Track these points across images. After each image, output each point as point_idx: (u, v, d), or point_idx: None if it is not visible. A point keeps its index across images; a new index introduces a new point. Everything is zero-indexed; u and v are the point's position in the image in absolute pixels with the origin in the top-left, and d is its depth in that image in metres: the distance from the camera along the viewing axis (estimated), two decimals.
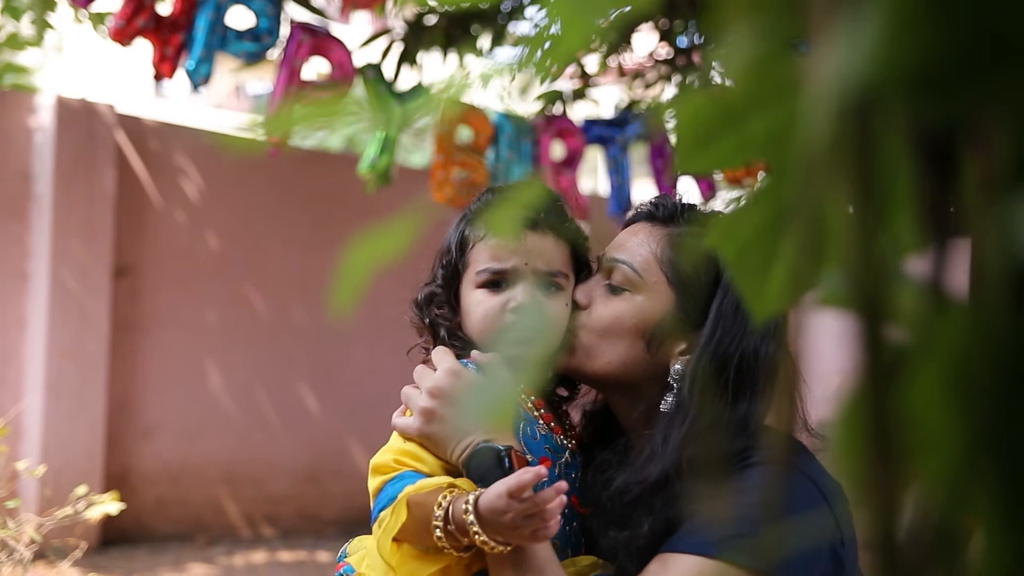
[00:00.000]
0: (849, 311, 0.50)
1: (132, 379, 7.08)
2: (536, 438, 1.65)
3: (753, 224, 0.56)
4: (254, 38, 4.72)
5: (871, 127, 0.45)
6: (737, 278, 0.58)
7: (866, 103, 0.44)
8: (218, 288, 7.50)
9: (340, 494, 8.07)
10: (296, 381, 7.89)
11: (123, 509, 4.68)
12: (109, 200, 6.90)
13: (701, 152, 0.55)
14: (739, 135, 0.54)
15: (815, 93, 0.46)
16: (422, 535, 1.49)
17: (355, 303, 0.61)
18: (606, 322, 1.64)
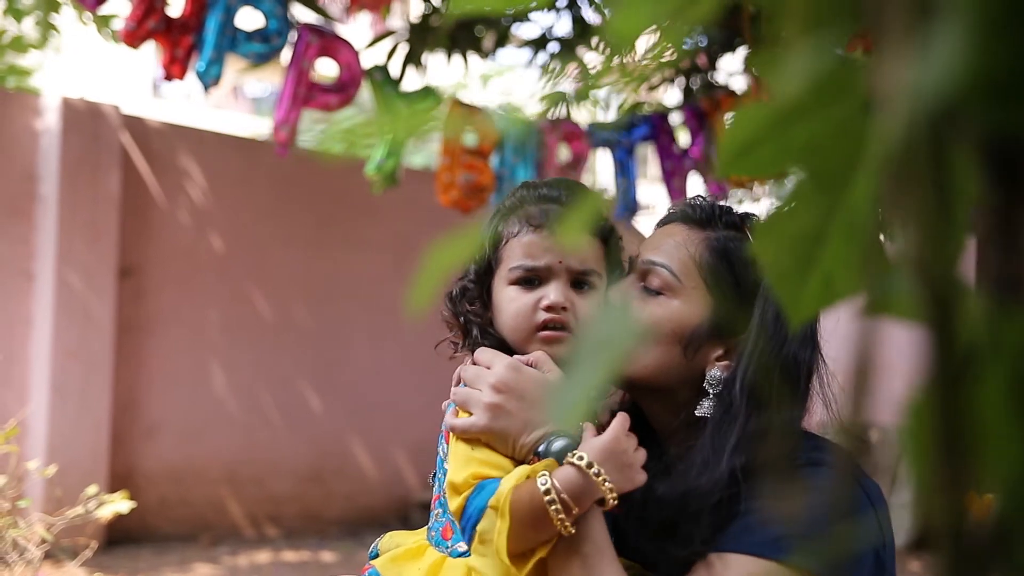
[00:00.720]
0: (913, 316, 0.52)
1: (136, 379, 7.10)
2: None
3: (792, 231, 0.57)
4: (263, 39, 4.74)
5: (945, 136, 0.46)
6: (774, 283, 0.59)
7: (942, 113, 0.45)
8: (222, 288, 7.51)
9: (343, 494, 8.08)
10: (299, 381, 7.91)
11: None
12: (114, 201, 6.92)
13: (743, 158, 0.56)
14: (781, 142, 0.55)
15: (887, 101, 0.47)
16: (529, 528, 1.46)
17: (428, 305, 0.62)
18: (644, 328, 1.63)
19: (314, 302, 7.99)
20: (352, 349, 8.18)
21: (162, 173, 7.29)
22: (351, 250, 8.19)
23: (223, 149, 7.73)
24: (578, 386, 0.49)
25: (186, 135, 7.52)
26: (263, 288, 7.73)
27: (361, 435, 8.21)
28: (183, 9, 4.61)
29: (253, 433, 7.63)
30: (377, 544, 1.79)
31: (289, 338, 7.85)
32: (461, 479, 1.53)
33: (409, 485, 8.43)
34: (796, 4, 0.52)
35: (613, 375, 0.50)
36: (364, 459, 8.24)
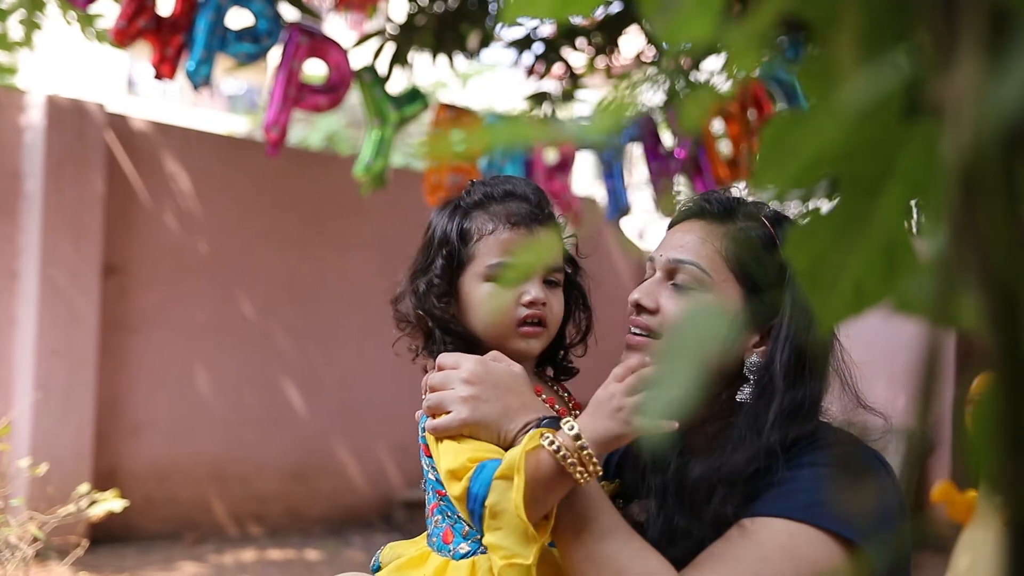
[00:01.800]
0: (983, 316, 0.54)
1: (121, 378, 7.08)
2: None
3: (824, 238, 0.59)
4: (253, 39, 4.74)
5: (1016, 149, 0.48)
6: (806, 287, 0.60)
7: (1015, 126, 0.48)
8: (206, 287, 7.50)
9: (327, 493, 8.08)
10: (283, 380, 7.90)
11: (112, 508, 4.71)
12: (98, 199, 6.90)
13: (779, 166, 0.58)
14: (816, 151, 0.57)
15: (958, 112, 0.49)
16: (545, 484, 1.47)
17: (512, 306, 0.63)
18: (671, 321, 1.66)
19: (299, 301, 7.99)
20: (336, 349, 8.18)
21: (147, 172, 7.27)
22: (336, 250, 8.19)
23: (208, 148, 7.72)
24: (671, 383, 0.51)
25: (171, 134, 7.50)
26: (248, 287, 7.72)
27: (345, 434, 8.21)
28: (173, 8, 4.61)
29: (237, 432, 7.63)
30: (378, 556, 1.82)
31: (274, 337, 7.85)
32: (459, 464, 1.55)
33: (393, 484, 8.44)
34: (850, 18, 0.54)
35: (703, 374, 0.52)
36: (348, 458, 8.24)
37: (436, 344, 1.71)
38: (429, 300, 1.70)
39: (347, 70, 5.02)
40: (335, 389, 8.16)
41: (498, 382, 1.57)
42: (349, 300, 8.24)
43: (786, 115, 0.57)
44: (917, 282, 0.56)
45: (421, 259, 1.74)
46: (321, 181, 8.12)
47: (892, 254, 0.57)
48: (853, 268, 0.58)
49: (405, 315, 1.75)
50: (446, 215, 1.73)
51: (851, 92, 0.55)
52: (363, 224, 8.29)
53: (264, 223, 7.82)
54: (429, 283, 1.70)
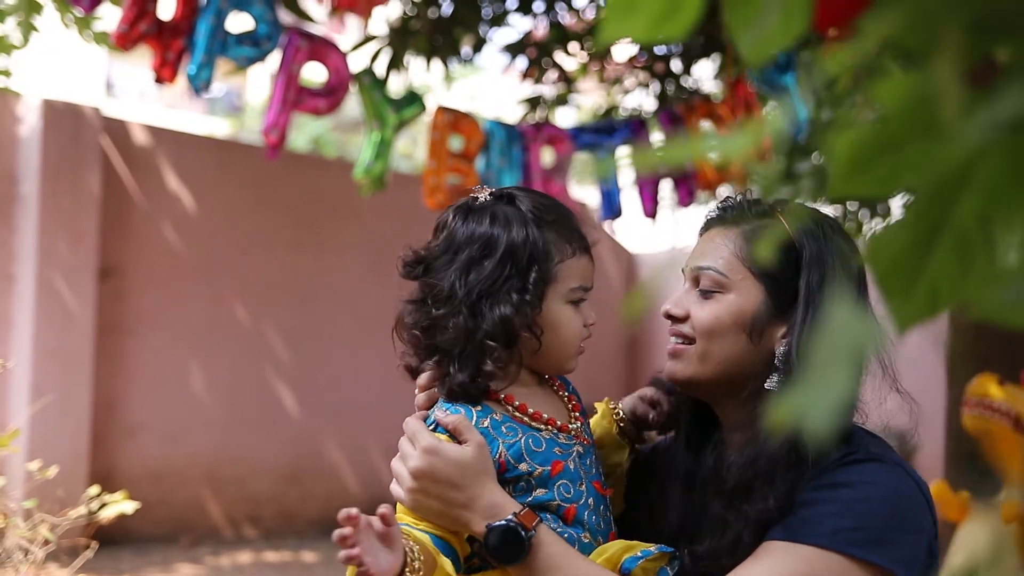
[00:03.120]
0: None
1: (117, 380, 7.10)
2: (541, 447, 1.66)
3: (902, 242, 0.61)
4: (253, 43, 4.77)
5: None
6: (883, 293, 0.63)
7: None
8: (201, 289, 7.53)
9: (320, 494, 8.11)
10: (277, 382, 7.93)
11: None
12: (94, 202, 6.92)
13: (856, 176, 0.61)
14: (894, 162, 0.60)
15: None
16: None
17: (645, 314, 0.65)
18: (708, 325, 1.71)
19: (293, 303, 8.02)
20: (330, 351, 8.21)
21: (142, 175, 7.30)
22: (330, 252, 8.23)
23: (203, 151, 7.75)
24: (828, 392, 0.53)
25: (166, 137, 7.53)
26: (242, 289, 7.75)
27: (338, 436, 8.24)
28: (174, 13, 4.63)
29: (232, 434, 7.65)
30: None
31: (268, 339, 7.88)
32: None
33: (385, 486, 8.38)
34: (952, 44, 0.57)
35: (857, 381, 0.54)
36: (341, 460, 8.27)
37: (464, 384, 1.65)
38: (523, 315, 1.63)
39: (346, 73, 5.05)
40: (328, 391, 8.19)
41: (441, 476, 1.59)
42: (342, 302, 8.27)
43: (866, 128, 0.60)
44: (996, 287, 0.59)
45: (497, 271, 1.63)
46: (314, 184, 8.15)
47: (967, 259, 0.59)
48: (929, 272, 0.60)
49: (459, 334, 1.64)
50: (512, 229, 1.65)
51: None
52: (356, 227, 8.32)
53: (258, 226, 7.85)
54: (522, 299, 1.62)
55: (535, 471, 1.63)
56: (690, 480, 1.80)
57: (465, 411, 1.65)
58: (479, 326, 1.62)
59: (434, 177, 5.32)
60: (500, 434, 1.65)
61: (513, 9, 7.28)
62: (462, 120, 5.42)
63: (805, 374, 0.54)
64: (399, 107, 5.24)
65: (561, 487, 1.65)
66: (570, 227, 1.71)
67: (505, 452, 1.64)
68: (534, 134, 5.70)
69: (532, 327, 1.64)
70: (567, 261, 1.68)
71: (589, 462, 1.73)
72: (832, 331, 0.56)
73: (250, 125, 20.28)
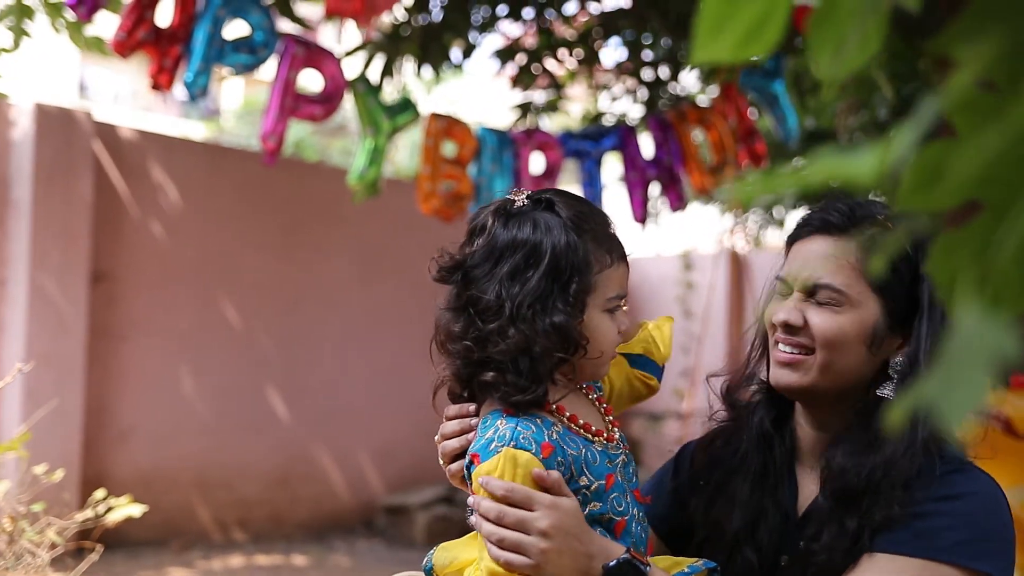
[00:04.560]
0: None
1: (108, 384, 7.11)
2: (596, 461, 1.66)
3: (964, 252, 0.64)
4: (250, 50, 4.81)
5: None
6: (946, 300, 0.65)
7: None
8: (192, 294, 7.55)
9: (309, 498, 8.14)
10: (266, 386, 7.95)
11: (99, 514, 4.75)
12: (86, 206, 6.94)
13: (925, 190, 0.63)
14: (960, 175, 0.62)
15: None
16: None
17: None
18: (831, 337, 1.72)
19: (283, 308, 8.05)
20: (320, 355, 8.24)
21: (133, 179, 7.31)
22: (319, 257, 8.26)
23: (194, 156, 7.77)
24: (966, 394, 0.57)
25: (157, 142, 7.55)
26: (233, 294, 7.77)
27: (327, 440, 8.28)
28: (172, 20, 4.67)
29: (222, 438, 7.67)
30: (430, 558, 1.77)
31: (258, 344, 7.90)
32: None
33: (374, 490, 8.50)
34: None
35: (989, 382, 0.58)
36: (330, 464, 8.30)
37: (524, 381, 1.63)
38: (573, 319, 1.62)
39: (341, 80, 5.10)
40: (317, 395, 8.22)
41: (570, 530, 1.58)
42: (332, 307, 8.31)
43: (937, 143, 0.62)
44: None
45: (543, 283, 1.62)
46: (304, 189, 8.19)
47: (1020, 270, 0.62)
48: (991, 280, 0.63)
49: (514, 347, 1.61)
50: (554, 238, 1.63)
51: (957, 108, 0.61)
52: (345, 231, 8.36)
53: (248, 231, 7.88)
54: (568, 310, 1.62)
55: (592, 485, 1.63)
56: (759, 480, 1.83)
57: (535, 426, 1.61)
58: (535, 338, 1.59)
59: (428, 183, 5.37)
60: (567, 444, 1.64)
61: (503, 15, 7.33)
62: (455, 126, 5.48)
63: (938, 377, 0.56)
64: (393, 114, 5.29)
65: (614, 500, 1.66)
66: (607, 235, 1.69)
67: (572, 464, 1.63)
68: (525, 140, 5.76)
69: (579, 337, 1.63)
70: (606, 271, 1.66)
71: (631, 471, 1.74)
72: (964, 335, 0.58)
73: (228, 128, 20.24)
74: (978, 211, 0.64)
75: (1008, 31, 0.60)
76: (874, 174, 0.60)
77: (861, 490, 1.67)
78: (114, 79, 23.32)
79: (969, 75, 0.59)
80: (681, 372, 9.69)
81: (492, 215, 1.69)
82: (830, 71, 0.71)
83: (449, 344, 1.72)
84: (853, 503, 1.67)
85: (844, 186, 0.63)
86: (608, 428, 1.74)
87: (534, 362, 1.61)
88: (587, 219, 1.67)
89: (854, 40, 0.68)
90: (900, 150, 0.59)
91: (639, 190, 5.98)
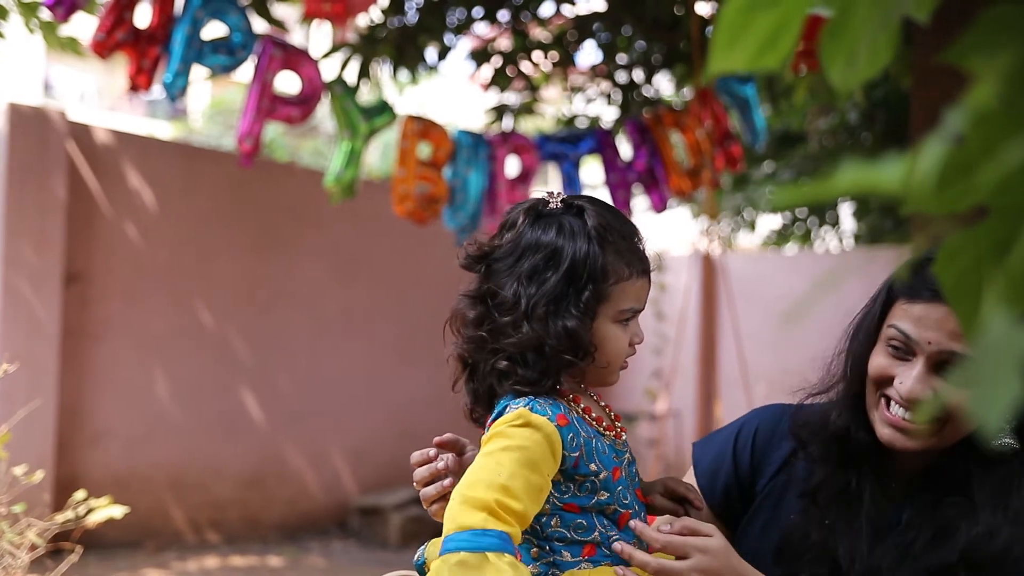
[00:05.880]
0: None
1: (82, 386, 7.08)
2: (606, 452, 1.70)
3: (971, 255, 0.65)
4: (228, 52, 4.82)
5: None
6: (951, 302, 0.67)
7: None
8: (166, 295, 7.53)
9: (283, 499, 8.13)
10: (240, 388, 7.94)
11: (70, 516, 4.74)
12: (60, 207, 6.90)
13: (936, 196, 0.64)
14: (969, 182, 0.63)
15: None
16: None
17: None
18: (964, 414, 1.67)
19: (256, 309, 8.03)
20: (293, 356, 8.24)
21: (108, 180, 7.29)
22: (293, 258, 8.26)
23: (168, 157, 7.75)
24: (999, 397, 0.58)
25: (132, 142, 7.52)
26: (206, 295, 7.75)
27: (301, 441, 8.27)
28: (151, 21, 4.67)
29: (196, 439, 7.65)
30: (422, 553, 1.79)
31: (232, 345, 7.89)
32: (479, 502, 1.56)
33: (348, 491, 8.50)
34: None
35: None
36: (304, 465, 8.30)
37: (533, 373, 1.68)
38: (584, 326, 1.67)
39: (319, 82, 5.11)
40: (291, 397, 8.21)
41: (719, 572, 1.63)
42: (305, 308, 8.31)
43: (940, 149, 0.63)
44: None
45: (559, 286, 1.67)
46: (278, 190, 8.18)
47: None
48: (995, 284, 0.64)
49: (526, 342, 1.67)
50: (576, 244, 1.69)
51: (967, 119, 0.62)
52: (318, 232, 8.36)
53: (223, 232, 7.86)
54: (581, 312, 1.67)
55: (601, 473, 1.67)
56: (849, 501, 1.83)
57: (552, 402, 1.66)
58: (546, 337, 1.65)
59: (403, 185, 5.39)
60: (581, 430, 1.68)
61: (479, 17, 7.36)
62: (432, 129, 5.50)
63: (970, 378, 0.58)
64: (370, 116, 5.31)
65: (620, 492, 1.70)
66: (632, 249, 1.73)
67: (583, 449, 1.66)
68: (501, 143, 5.78)
69: (588, 344, 1.68)
70: (622, 283, 1.70)
71: (634, 471, 1.79)
72: (993, 337, 0.60)
73: (197, 128, 20.13)
74: (983, 216, 0.65)
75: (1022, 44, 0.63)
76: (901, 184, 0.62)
77: (1007, 561, 1.68)
78: (79, 78, 23.15)
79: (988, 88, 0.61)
80: (653, 373, 9.75)
81: (524, 213, 1.74)
82: (842, 81, 0.73)
83: (462, 329, 1.75)
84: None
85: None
86: (616, 428, 1.78)
87: (543, 360, 1.66)
88: (613, 230, 1.71)
89: (866, 51, 0.70)
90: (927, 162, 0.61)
91: (621, 192, 6.02)
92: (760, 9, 0.71)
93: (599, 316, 1.70)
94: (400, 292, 8.88)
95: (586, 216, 1.71)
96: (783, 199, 0.66)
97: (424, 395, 8.63)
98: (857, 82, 0.74)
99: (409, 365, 8.81)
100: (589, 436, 1.68)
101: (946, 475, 1.75)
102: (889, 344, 1.77)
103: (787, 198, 0.66)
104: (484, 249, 1.74)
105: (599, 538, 1.67)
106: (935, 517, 1.72)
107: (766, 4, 0.71)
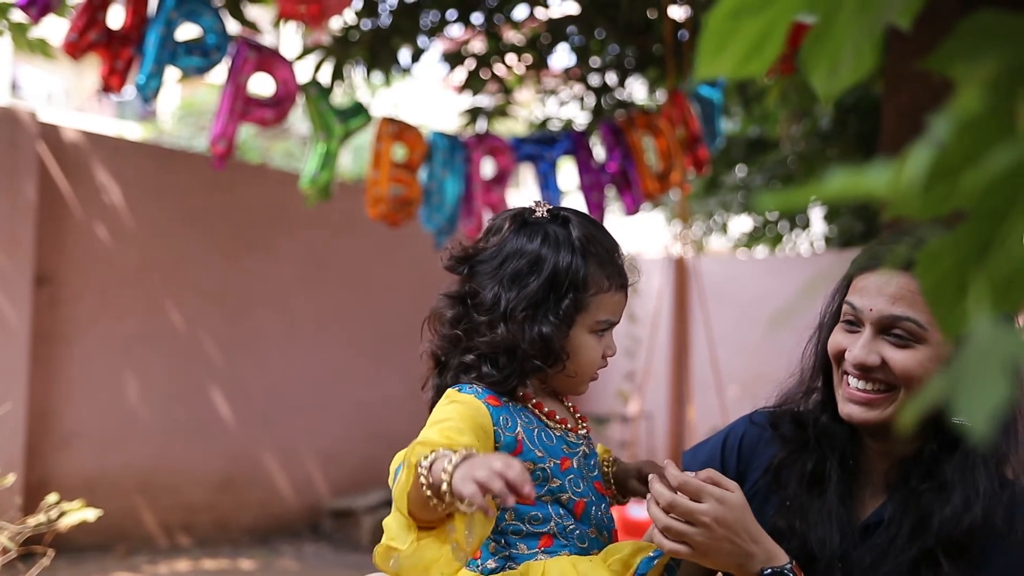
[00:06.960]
0: None
1: (52, 388, 7.03)
2: (552, 441, 1.74)
3: (951, 259, 0.66)
4: (202, 53, 4.79)
5: None
6: (931, 304, 0.68)
7: None
8: (137, 297, 7.49)
9: (255, 502, 8.10)
10: (211, 390, 7.91)
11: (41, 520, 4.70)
12: (31, 209, 6.85)
13: (921, 200, 0.64)
14: (952, 185, 0.63)
15: None
16: (416, 503, 1.52)
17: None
18: (916, 374, 1.72)
19: (227, 312, 8.00)
20: (264, 359, 8.21)
21: (78, 181, 7.24)
22: (264, 260, 8.23)
23: (139, 158, 7.71)
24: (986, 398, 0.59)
25: (102, 144, 7.47)
26: (177, 297, 7.72)
27: (272, 444, 8.24)
28: (124, 22, 4.64)
29: (167, 442, 7.61)
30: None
31: (203, 347, 7.85)
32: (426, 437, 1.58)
33: (320, 493, 8.48)
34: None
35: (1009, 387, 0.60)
36: (275, 468, 8.27)
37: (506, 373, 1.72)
38: (560, 333, 1.72)
39: (293, 84, 5.10)
40: (262, 399, 8.18)
41: (732, 525, 1.67)
42: (277, 310, 8.28)
43: (931, 153, 0.63)
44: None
45: (540, 292, 1.72)
46: (250, 193, 8.16)
47: (1012, 275, 0.64)
48: (978, 287, 0.65)
49: (499, 343, 1.71)
50: (560, 253, 1.74)
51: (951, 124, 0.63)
52: (290, 235, 8.34)
53: (193, 234, 7.83)
54: (559, 319, 1.72)
55: (547, 462, 1.71)
56: (823, 491, 1.85)
57: (485, 390, 1.70)
58: (520, 340, 1.70)
59: (376, 188, 5.38)
60: (520, 418, 1.72)
61: (452, 20, 7.36)
62: (406, 131, 5.49)
63: (956, 380, 0.58)
64: (345, 118, 5.30)
65: (571, 481, 1.73)
66: (613, 262, 1.78)
67: (523, 434, 1.71)
68: (476, 145, 5.78)
69: (560, 351, 1.73)
70: (602, 295, 1.76)
71: (592, 463, 1.83)
72: (979, 338, 0.60)
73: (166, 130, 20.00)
74: (961, 220, 0.66)
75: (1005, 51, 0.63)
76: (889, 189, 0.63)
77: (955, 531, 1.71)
78: (47, 78, 22.96)
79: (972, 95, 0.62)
80: (625, 375, 9.78)
81: (510, 219, 1.80)
82: (826, 88, 0.74)
83: (439, 327, 1.79)
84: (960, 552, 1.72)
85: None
86: (576, 424, 1.83)
87: (513, 362, 1.71)
88: (596, 242, 1.77)
89: (849, 58, 0.71)
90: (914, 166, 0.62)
91: (594, 195, 6.04)
92: (746, 16, 0.72)
93: (576, 325, 1.75)
94: (372, 295, 8.87)
95: (571, 227, 1.77)
96: (770, 203, 0.67)
97: (396, 397, 8.63)
98: (841, 89, 0.75)
99: (381, 368, 8.80)
100: (531, 425, 1.73)
101: (918, 464, 1.78)
102: (844, 320, 1.82)
103: (774, 202, 0.67)
104: (468, 251, 1.79)
105: (555, 528, 1.70)
106: (914, 509, 1.75)
107: (752, 11, 0.72)
